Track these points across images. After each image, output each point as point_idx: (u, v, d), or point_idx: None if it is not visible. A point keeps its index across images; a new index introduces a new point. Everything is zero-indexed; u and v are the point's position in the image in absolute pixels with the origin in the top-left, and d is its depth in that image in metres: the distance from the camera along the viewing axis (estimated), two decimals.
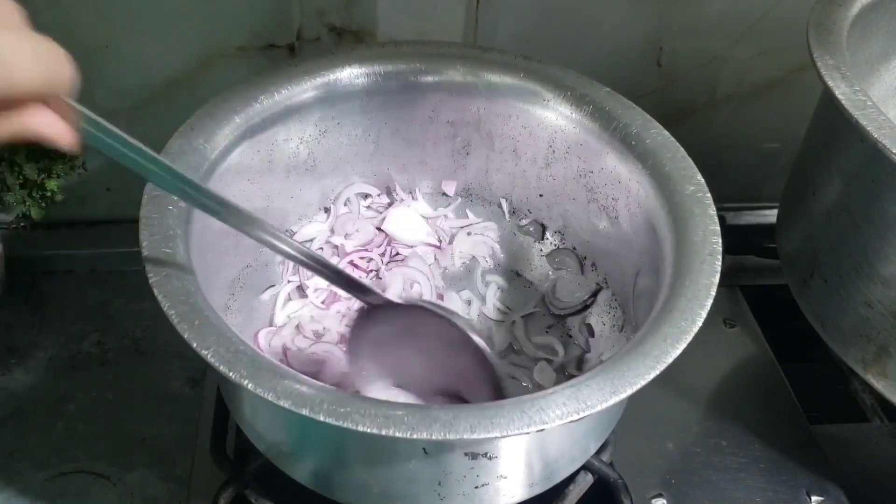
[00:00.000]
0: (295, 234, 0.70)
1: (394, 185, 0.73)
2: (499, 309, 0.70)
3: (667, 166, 0.59)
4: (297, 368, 0.55)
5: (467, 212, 0.74)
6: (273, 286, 0.68)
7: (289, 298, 0.68)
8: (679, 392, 0.73)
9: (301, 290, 0.69)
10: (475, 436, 0.43)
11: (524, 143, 0.68)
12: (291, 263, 0.68)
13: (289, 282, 0.69)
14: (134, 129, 0.78)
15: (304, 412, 0.43)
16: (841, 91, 0.57)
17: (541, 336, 0.68)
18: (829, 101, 0.58)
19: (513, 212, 0.73)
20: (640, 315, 0.59)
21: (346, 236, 0.71)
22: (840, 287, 0.62)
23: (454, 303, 0.70)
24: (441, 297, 0.70)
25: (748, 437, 0.70)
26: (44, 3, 0.69)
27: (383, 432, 0.43)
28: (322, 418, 0.43)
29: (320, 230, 0.71)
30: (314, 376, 0.53)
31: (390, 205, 0.73)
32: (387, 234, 0.72)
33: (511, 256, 0.73)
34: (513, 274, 0.73)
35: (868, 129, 0.54)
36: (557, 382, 0.62)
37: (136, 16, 0.71)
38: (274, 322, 0.67)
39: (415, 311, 0.55)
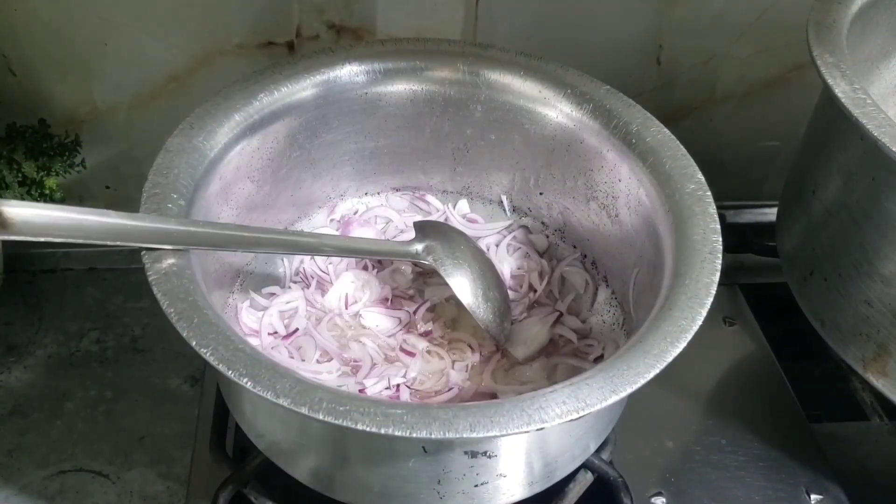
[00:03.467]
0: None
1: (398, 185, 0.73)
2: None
3: (667, 164, 0.59)
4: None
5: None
6: (274, 286, 0.68)
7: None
8: (679, 390, 0.73)
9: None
10: (475, 434, 0.43)
11: (524, 141, 0.68)
12: (292, 265, 0.69)
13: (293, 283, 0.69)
14: (133, 126, 0.79)
15: (304, 411, 0.43)
16: (840, 89, 0.57)
17: None
18: (828, 99, 0.58)
19: (513, 210, 0.73)
20: (640, 313, 0.59)
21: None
22: (840, 285, 0.62)
23: None
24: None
25: (748, 436, 0.70)
26: (44, 2, 0.69)
27: (382, 431, 0.43)
28: (321, 417, 0.43)
29: (322, 230, 0.71)
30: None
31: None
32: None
33: None
34: None
35: (868, 127, 0.54)
36: None
37: (136, 14, 0.71)
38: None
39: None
